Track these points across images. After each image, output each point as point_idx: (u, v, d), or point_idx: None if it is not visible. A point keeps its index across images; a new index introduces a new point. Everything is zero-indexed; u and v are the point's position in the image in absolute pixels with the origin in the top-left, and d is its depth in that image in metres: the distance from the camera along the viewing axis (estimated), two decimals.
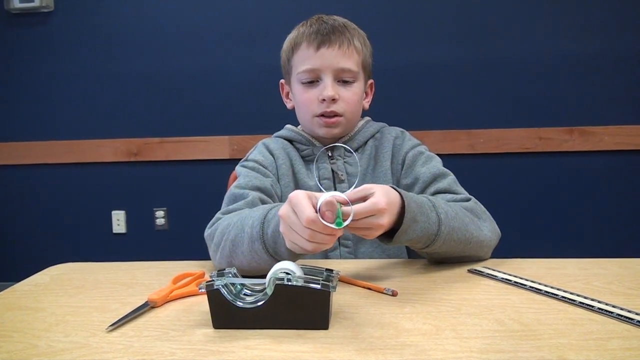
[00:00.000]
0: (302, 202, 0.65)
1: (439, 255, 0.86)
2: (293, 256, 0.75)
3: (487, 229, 0.88)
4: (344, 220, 0.65)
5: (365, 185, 0.72)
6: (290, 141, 1.09)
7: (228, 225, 0.83)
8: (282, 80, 1.12)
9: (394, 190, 0.75)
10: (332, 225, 0.65)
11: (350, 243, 1.01)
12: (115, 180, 2.56)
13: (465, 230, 0.83)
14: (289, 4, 2.38)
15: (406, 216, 0.74)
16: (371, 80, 1.11)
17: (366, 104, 1.11)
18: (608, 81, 2.32)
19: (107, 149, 2.52)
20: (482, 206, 0.93)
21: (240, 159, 1.07)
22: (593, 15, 2.30)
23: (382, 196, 0.70)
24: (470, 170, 1.01)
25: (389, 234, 0.76)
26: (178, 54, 2.46)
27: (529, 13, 2.32)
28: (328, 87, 0.98)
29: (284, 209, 0.69)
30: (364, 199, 0.70)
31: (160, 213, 2.55)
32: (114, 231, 2.58)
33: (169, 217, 2.55)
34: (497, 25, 2.34)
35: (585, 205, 2.37)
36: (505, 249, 0.93)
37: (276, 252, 0.76)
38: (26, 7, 2.45)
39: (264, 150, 1.07)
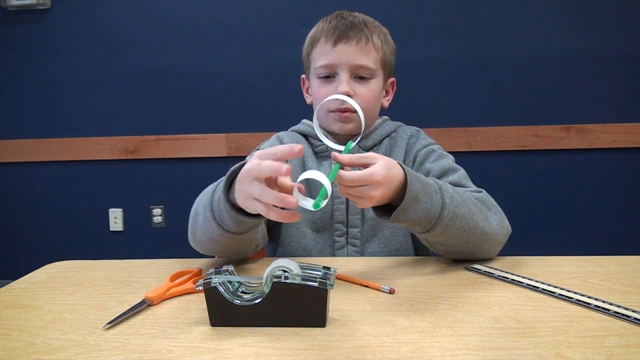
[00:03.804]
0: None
1: (440, 245, 0.83)
2: (236, 225, 0.74)
3: (495, 222, 0.85)
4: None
5: (370, 153, 0.72)
6: (306, 136, 1.09)
7: (197, 200, 0.87)
8: (303, 75, 1.12)
9: (399, 166, 0.74)
10: (310, 207, 0.63)
11: (359, 242, 1.01)
12: (112, 178, 2.55)
13: (470, 219, 0.80)
14: (286, 2, 2.38)
15: (407, 194, 0.73)
16: (392, 79, 1.10)
17: (386, 102, 1.09)
18: (605, 79, 2.32)
19: (104, 146, 2.51)
20: (493, 200, 0.90)
21: (237, 157, 1.07)
22: (590, 13, 2.30)
23: (381, 169, 0.70)
24: (467, 168, 1.00)
25: (390, 211, 0.75)
26: (175, 52, 2.45)
27: (526, 11, 2.32)
28: (343, 84, 0.98)
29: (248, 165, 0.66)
30: (365, 166, 0.70)
31: (157, 211, 2.55)
32: (111, 229, 2.57)
33: (166, 215, 2.55)
34: (494, 22, 2.34)
35: (582, 203, 2.38)
36: (502, 246, 0.93)
37: (221, 219, 0.76)
38: (23, 4, 2.44)
39: (276, 144, 1.07)
